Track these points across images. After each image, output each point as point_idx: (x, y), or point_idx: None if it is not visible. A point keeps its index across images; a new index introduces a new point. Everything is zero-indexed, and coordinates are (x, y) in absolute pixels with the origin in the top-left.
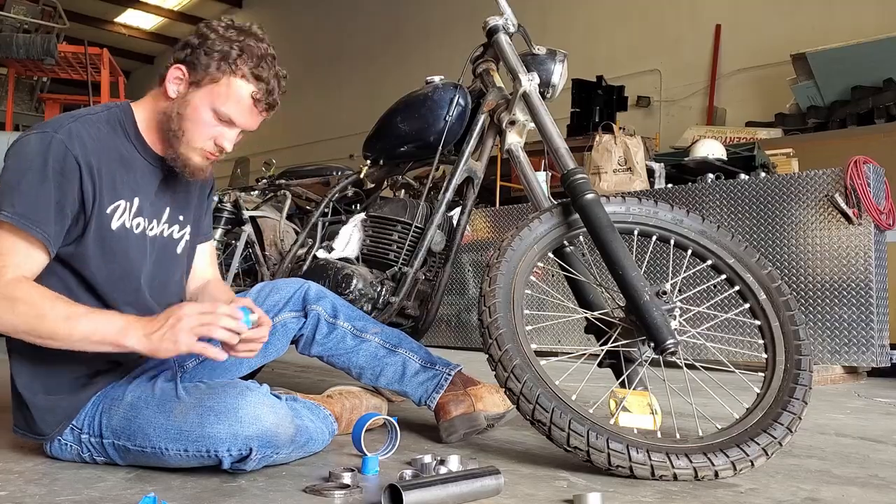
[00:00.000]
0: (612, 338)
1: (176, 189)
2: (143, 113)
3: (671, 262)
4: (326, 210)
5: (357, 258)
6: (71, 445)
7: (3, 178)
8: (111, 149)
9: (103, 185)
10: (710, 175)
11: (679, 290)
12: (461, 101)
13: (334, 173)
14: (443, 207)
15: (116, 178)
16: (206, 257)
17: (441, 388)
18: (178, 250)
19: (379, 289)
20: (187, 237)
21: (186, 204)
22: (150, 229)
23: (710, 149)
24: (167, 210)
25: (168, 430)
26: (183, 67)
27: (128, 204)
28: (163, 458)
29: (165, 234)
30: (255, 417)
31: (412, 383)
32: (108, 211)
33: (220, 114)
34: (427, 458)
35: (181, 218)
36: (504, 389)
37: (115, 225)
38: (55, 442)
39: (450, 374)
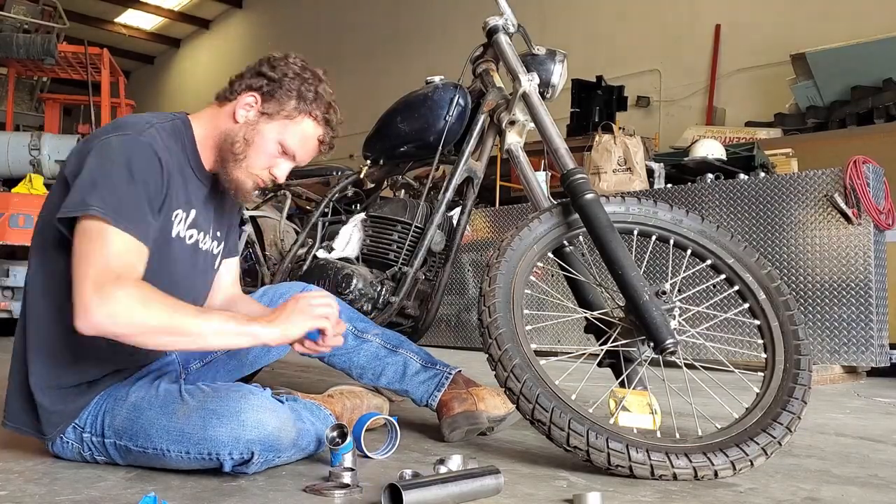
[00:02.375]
0: (612, 337)
1: (217, 205)
2: (201, 129)
3: (671, 262)
4: (326, 210)
5: (357, 258)
6: (72, 444)
7: (88, 178)
8: (174, 157)
9: (171, 191)
10: (710, 175)
11: (679, 290)
12: (461, 101)
13: (334, 173)
14: (443, 207)
15: (178, 187)
16: (232, 273)
17: (442, 386)
18: (215, 265)
19: (379, 288)
20: (222, 252)
21: (223, 220)
22: (203, 243)
23: (710, 149)
24: (212, 226)
25: (170, 432)
26: (257, 96)
27: (185, 214)
28: (164, 460)
29: (213, 249)
30: (257, 422)
31: (413, 382)
32: (172, 217)
33: (285, 147)
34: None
35: (219, 234)
36: (504, 389)
37: (174, 233)
38: (57, 440)
39: (450, 374)
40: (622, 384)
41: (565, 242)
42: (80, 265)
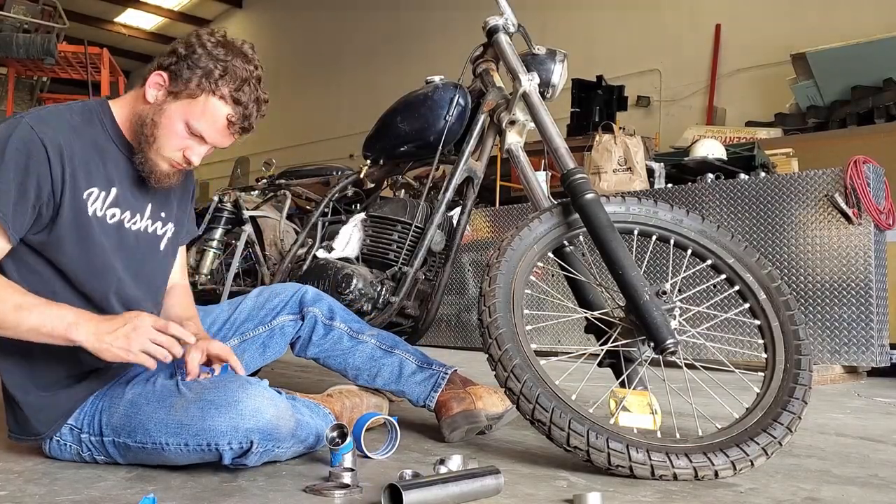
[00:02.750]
0: (612, 337)
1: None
2: (121, 110)
3: (671, 262)
4: (326, 210)
5: (357, 258)
6: (70, 445)
7: None
8: (85, 137)
9: (77, 170)
10: (710, 175)
11: (679, 290)
12: (461, 100)
13: (334, 173)
14: (443, 207)
15: (91, 166)
16: (178, 261)
17: (439, 387)
18: (161, 247)
19: (379, 288)
20: (169, 235)
21: (167, 202)
22: (133, 223)
23: (710, 149)
24: (149, 206)
25: (168, 425)
26: (165, 75)
27: (102, 192)
28: (163, 454)
29: (149, 230)
30: (255, 410)
31: (409, 383)
32: (84, 196)
33: (192, 128)
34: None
35: (163, 215)
36: (504, 389)
37: (90, 211)
38: (53, 442)
39: (447, 373)
40: (622, 384)
41: (565, 242)
42: None
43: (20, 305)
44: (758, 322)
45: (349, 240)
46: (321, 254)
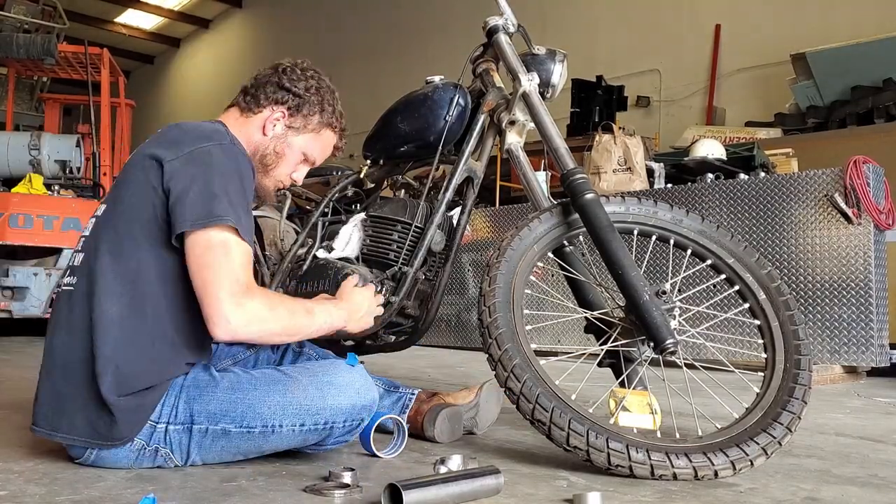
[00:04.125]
0: (612, 337)
1: None
2: (238, 137)
3: (671, 261)
4: (326, 210)
5: (357, 258)
6: (133, 441)
7: (204, 188)
8: None
9: None
10: (710, 175)
11: (679, 290)
12: (461, 100)
13: (334, 173)
14: (443, 207)
15: None
16: None
17: (407, 407)
18: None
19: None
20: None
21: None
22: None
23: (710, 149)
24: None
25: (286, 407)
26: (285, 111)
27: None
28: (269, 438)
29: None
30: (366, 389)
31: (378, 407)
32: None
33: (308, 157)
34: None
35: None
36: (504, 389)
37: None
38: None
39: (413, 394)
40: (622, 384)
41: (565, 242)
42: (211, 276)
43: (308, 310)
44: (757, 322)
45: (349, 240)
46: (321, 254)
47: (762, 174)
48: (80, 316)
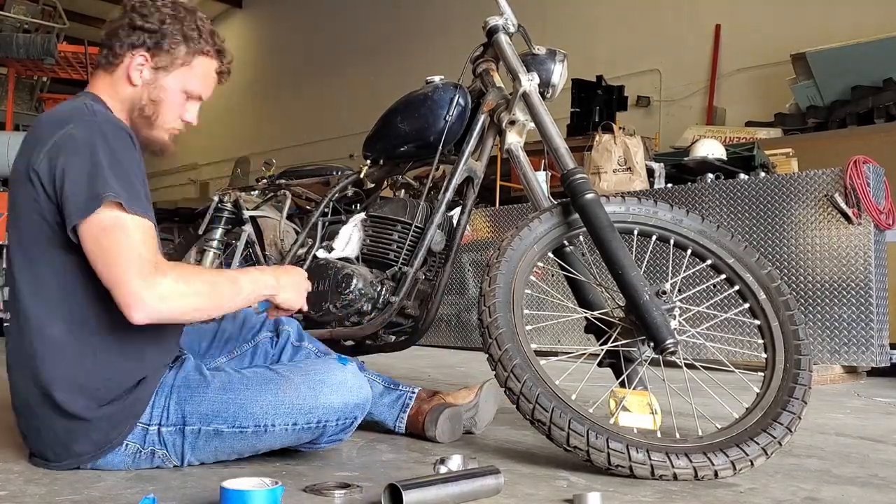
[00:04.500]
0: (612, 337)
1: None
2: (109, 101)
3: (671, 261)
4: (326, 210)
5: (357, 258)
6: (128, 444)
7: (78, 175)
8: None
9: None
10: (710, 175)
11: (679, 290)
12: (461, 100)
13: (334, 173)
14: (443, 207)
15: None
16: None
17: (407, 406)
18: None
19: (379, 288)
20: None
21: None
22: None
23: (710, 149)
24: None
25: (278, 406)
26: (146, 54)
27: None
28: (262, 437)
29: None
30: (359, 387)
31: (378, 405)
32: None
33: (190, 93)
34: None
35: None
36: (504, 389)
37: None
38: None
39: (413, 392)
40: (622, 384)
41: (565, 242)
42: (113, 260)
43: (232, 279)
44: (758, 322)
45: (349, 240)
46: (321, 254)
47: (762, 174)
48: (25, 349)
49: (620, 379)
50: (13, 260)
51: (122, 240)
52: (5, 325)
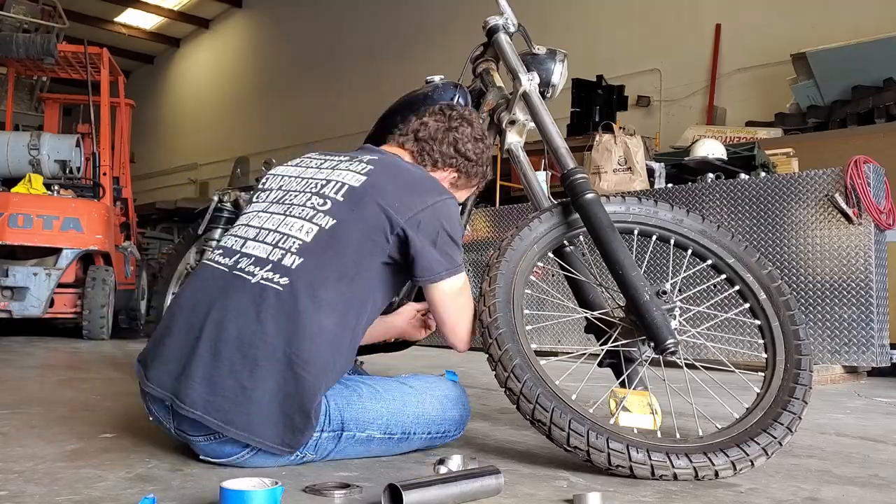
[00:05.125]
0: (612, 337)
1: None
2: None
3: (671, 261)
4: None
5: None
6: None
7: (450, 241)
8: None
9: None
10: (710, 175)
11: (679, 290)
12: (461, 100)
13: None
14: None
15: None
16: None
17: None
18: None
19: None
20: None
21: None
22: None
23: (710, 148)
24: None
25: (419, 417)
26: (456, 175)
27: None
28: (401, 444)
29: None
30: (467, 403)
31: None
32: None
33: (458, 202)
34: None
35: None
36: (504, 389)
37: None
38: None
39: None
40: (622, 384)
41: (566, 242)
42: (460, 311)
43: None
44: (758, 322)
45: None
46: None
47: (762, 174)
48: (295, 319)
49: (620, 379)
50: (325, 246)
51: (467, 300)
52: (262, 281)
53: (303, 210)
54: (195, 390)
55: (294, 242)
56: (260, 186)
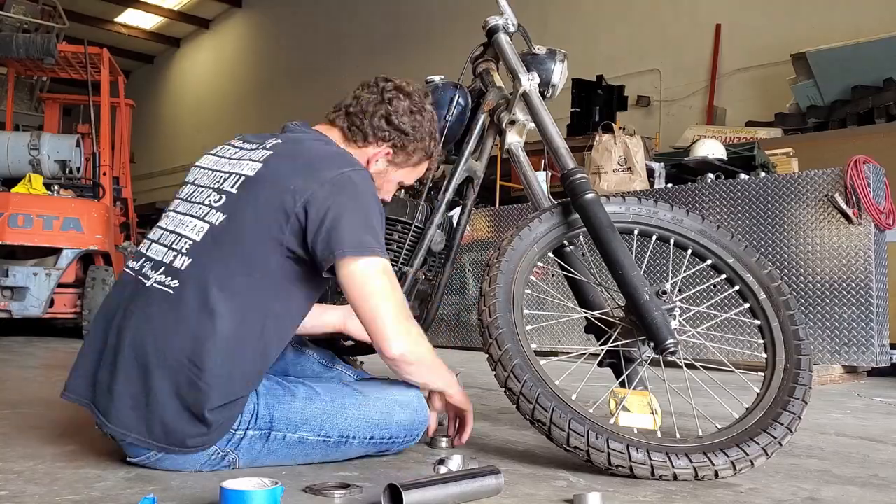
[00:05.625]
0: (612, 337)
1: None
2: None
3: (671, 261)
4: None
5: None
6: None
7: (353, 217)
8: None
9: None
10: (710, 175)
11: (679, 290)
12: (461, 100)
13: None
14: (443, 207)
15: None
16: None
17: None
18: None
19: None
20: None
21: None
22: None
23: (710, 148)
24: None
25: (360, 420)
26: (391, 150)
27: None
28: (340, 448)
29: None
30: (423, 408)
31: None
32: None
33: (402, 184)
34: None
35: None
36: (504, 389)
37: None
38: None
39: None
40: (622, 384)
41: (565, 242)
42: (377, 302)
43: (435, 358)
44: (758, 322)
45: None
46: None
47: (762, 174)
48: (184, 323)
49: (620, 379)
50: (219, 243)
51: (387, 286)
52: (155, 285)
53: (200, 208)
54: (103, 396)
55: (186, 243)
56: (184, 181)
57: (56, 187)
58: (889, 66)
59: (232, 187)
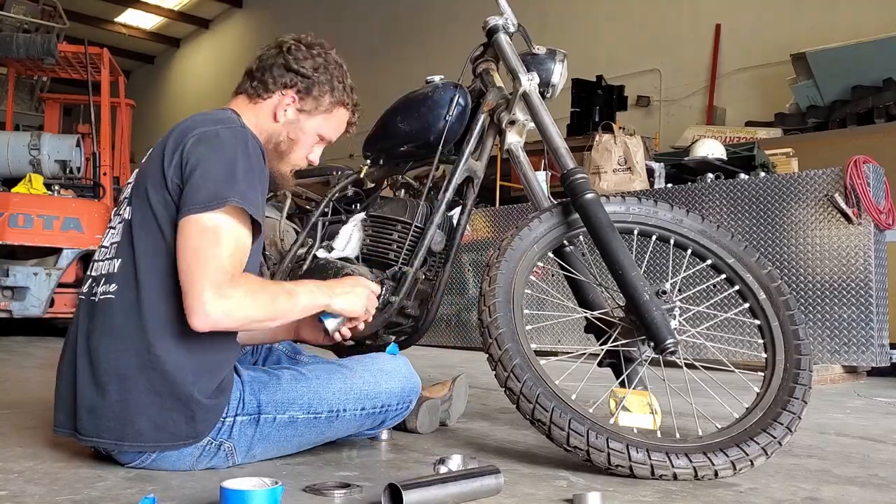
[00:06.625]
0: (612, 337)
1: None
2: (250, 127)
3: (671, 261)
4: (326, 210)
5: (357, 258)
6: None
7: (207, 167)
8: None
9: None
10: (710, 175)
11: (679, 290)
12: (461, 100)
13: (334, 173)
14: (443, 207)
15: None
16: None
17: None
18: None
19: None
20: None
21: None
22: None
23: (710, 148)
24: None
25: (347, 392)
26: (295, 95)
27: None
28: (333, 423)
29: None
30: (412, 374)
31: None
32: None
33: (323, 137)
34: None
35: None
36: (504, 389)
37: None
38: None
39: None
40: (622, 384)
41: (565, 242)
42: (198, 263)
43: (290, 291)
44: (758, 322)
45: (349, 240)
46: (321, 254)
47: (762, 174)
48: (130, 321)
49: (620, 379)
50: (134, 236)
51: (212, 246)
52: (100, 297)
53: (118, 211)
54: (85, 420)
55: (113, 248)
56: None
57: (56, 187)
58: (889, 66)
59: (133, 179)
